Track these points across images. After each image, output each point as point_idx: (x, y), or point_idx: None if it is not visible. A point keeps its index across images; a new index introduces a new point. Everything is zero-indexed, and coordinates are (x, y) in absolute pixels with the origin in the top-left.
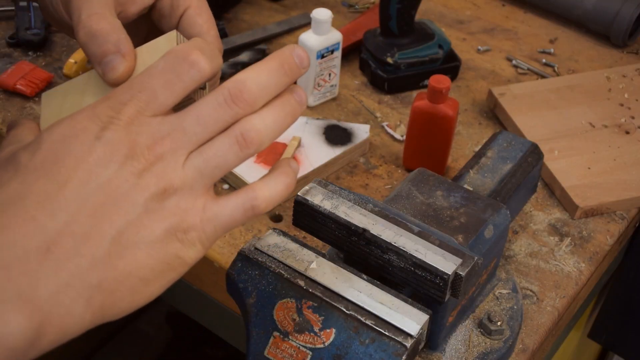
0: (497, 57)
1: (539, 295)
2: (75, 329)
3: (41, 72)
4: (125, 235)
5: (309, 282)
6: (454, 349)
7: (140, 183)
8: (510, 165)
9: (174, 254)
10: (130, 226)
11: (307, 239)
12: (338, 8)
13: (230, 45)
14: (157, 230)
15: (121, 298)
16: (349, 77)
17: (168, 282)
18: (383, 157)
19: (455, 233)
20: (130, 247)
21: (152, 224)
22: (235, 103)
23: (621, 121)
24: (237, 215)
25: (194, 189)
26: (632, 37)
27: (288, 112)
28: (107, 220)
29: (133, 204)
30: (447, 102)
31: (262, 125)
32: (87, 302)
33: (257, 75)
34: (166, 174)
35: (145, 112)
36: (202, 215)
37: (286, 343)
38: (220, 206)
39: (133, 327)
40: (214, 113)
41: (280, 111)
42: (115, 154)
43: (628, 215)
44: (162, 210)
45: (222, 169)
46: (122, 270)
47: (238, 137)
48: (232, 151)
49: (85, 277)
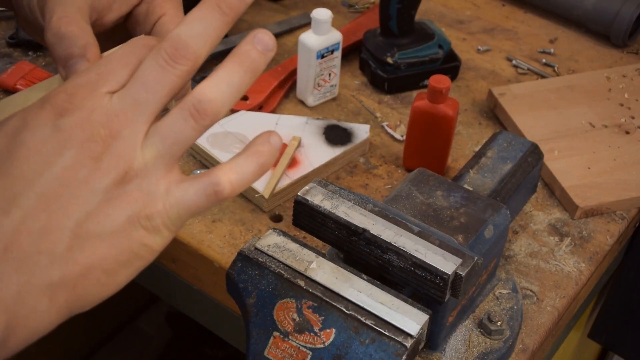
0: (497, 57)
1: (539, 295)
2: (42, 326)
3: (41, 72)
4: (85, 227)
5: (309, 282)
6: (454, 349)
7: (99, 167)
8: (510, 165)
9: (139, 242)
10: (90, 216)
11: (307, 239)
12: (338, 8)
13: (230, 45)
14: (119, 218)
15: (86, 292)
16: (349, 77)
17: (135, 270)
18: (383, 157)
19: (455, 233)
20: (91, 239)
21: (114, 212)
22: (175, 61)
23: (621, 121)
24: (201, 200)
25: (155, 169)
26: (632, 37)
27: (246, 69)
28: (64, 213)
29: (92, 192)
30: (447, 102)
31: (214, 93)
32: (51, 300)
33: (189, 25)
34: (125, 155)
35: (101, 89)
36: (165, 200)
37: (286, 343)
38: (183, 190)
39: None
40: (158, 76)
41: (236, 72)
42: (70, 139)
43: (628, 215)
44: (123, 196)
45: (181, 144)
46: (84, 264)
47: (191, 110)
48: (188, 125)
49: (46, 274)
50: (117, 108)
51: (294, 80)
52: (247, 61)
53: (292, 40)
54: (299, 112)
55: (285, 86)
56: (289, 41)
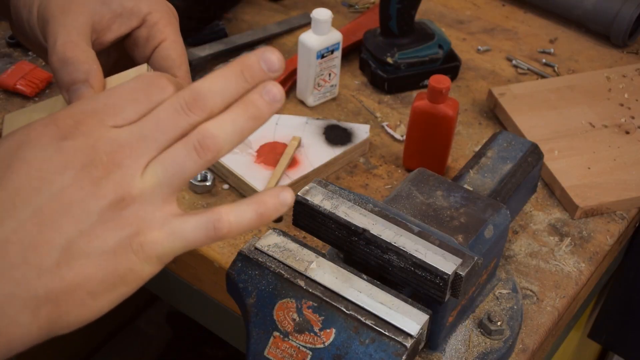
0: (497, 57)
1: (539, 295)
2: (21, 341)
3: (41, 72)
4: (75, 245)
5: (309, 282)
6: (454, 349)
7: (96, 191)
8: (510, 165)
9: (127, 267)
10: (82, 235)
11: (307, 239)
12: (338, 8)
13: (230, 45)
14: (111, 240)
15: (68, 311)
16: (349, 77)
17: (119, 296)
18: (383, 157)
19: (455, 233)
20: (80, 258)
21: (106, 233)
22: (190, 110)
23: (621, 121)
24: (199, 235)
25: (153, 198)
26: (632, 37)
27: (250, 116)
28: (57, 229)
29: (87, 212)
30: (447, 102)
31: (219, 131)
32: (33, 314)
33: (212, 82)
34: (124, 182)
35: (107, 122)
36: (161, 228)
37: (286, 343)
38: (182, 221)
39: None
40: (171, 119)
41: (241, 115)
42: (72, 161)
43: (628, 215)
44: (118, 219)
45: (181, 177)
46: (70, 282)
47: (195, 144)
48: (190, 158)
49: (31, 287)
50: (123, 139)
51: (294, 80)
52: (252, 108)
53: (292, 40)
54: (299, 112)
55: (285, 86)
56: (289, 41)
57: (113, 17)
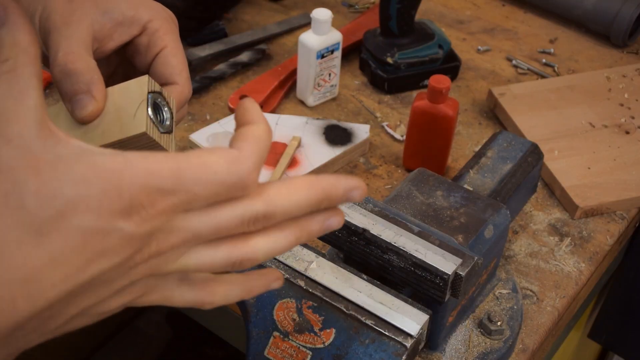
0: (497, 57)
1: (539, 295)
2: None
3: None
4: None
5: (309, 282)
6: (454, 349)
7: (129, 273)
8: (510, 165)
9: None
10: (94, 305)
11: None
12: (338, 8)
13: (230, 45)
14: (114, 305)
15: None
16: (349, 77)
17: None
18: (383, 157)
19: (455, 233)
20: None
21: (116, 301)
22: (255, 225)
23: (621, 121)
24: (185, 304)
25: (170, 280)
26: (632, 37)
27: (298, 241)
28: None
29: (110, 289)
30: (447, 102)
31: (262, 252)
32: None
33: (291, 201)
34: (158, 268)
35: (178, 209)
36: (160, 295)
37: (286, 343)
38: (180, 293)
39: (133, 327)
40: (232, 227)
41: (291, 240)
42: (124, 250)
43: (628, 215)
44: (130, 288)
45: (205, 271)
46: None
47: (235, 261)
48: (224, 266)
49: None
50: (178, 227)
51: (294, 80)
52: (305, 236)
53: (292, 40)
54: (299, 112)
55: (285, 86)
56: (289, 41)
57: (114, 26)
